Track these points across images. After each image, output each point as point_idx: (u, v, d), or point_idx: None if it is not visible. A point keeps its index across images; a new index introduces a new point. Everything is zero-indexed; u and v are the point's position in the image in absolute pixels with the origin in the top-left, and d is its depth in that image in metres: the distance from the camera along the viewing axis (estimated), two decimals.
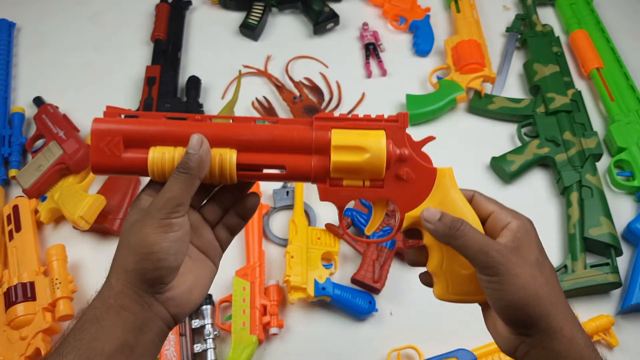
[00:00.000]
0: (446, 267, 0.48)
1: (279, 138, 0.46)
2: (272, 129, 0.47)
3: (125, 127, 0.48)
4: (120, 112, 0.48)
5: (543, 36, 1.05)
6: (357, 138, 0.46)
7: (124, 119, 0.48)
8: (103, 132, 0.47)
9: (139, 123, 0.47)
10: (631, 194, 0.90)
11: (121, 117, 0.48)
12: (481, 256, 0.43)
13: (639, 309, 0.78)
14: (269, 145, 0.46)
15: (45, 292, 0.76)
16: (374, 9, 1.15)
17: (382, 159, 0.46)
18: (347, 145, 0.46)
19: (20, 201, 0.85)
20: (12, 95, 1.02)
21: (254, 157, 0.47)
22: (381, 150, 0.46)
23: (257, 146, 0.46)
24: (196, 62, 1.08)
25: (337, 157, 0.46)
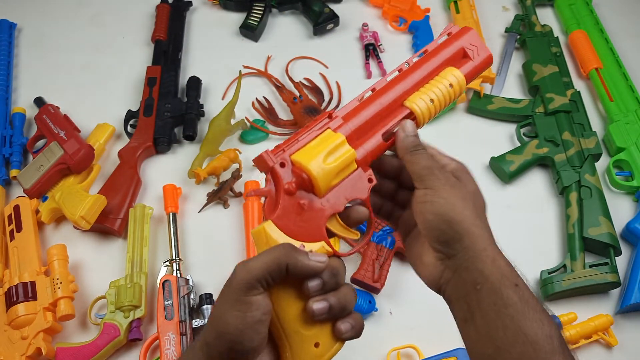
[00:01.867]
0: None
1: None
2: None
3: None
4: None
5: (542, 37, 1.05)
6: None
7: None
8: None
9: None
10: (630, 194, 0.90)
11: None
12: (426, 172, 0.46)
13: (638, 308, 0.79)
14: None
15: (46, 291, 0.76)
16: (373, 9, 1.15)
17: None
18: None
19: (21, 201, 0.85)
20: (13, 96, 1.03)
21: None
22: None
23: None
24: (196, 63, 1.08)
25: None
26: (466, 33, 0.52)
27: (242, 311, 0.40)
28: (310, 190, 0.45)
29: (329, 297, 0.43)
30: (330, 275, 0.43)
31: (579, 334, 0.75)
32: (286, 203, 0.44)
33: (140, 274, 0.79)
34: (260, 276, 0.40)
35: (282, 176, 0.45)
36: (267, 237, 0.43)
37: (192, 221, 0.88)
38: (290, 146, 0.46)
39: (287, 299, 0.43)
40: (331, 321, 0.44)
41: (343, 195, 0.46)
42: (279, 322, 0.43)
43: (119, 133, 0.97)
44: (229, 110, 0.95)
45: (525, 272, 0.85)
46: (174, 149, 0.97)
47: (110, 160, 0.94)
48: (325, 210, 0.45)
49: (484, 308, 0.44)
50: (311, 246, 0.44)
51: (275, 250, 0.42)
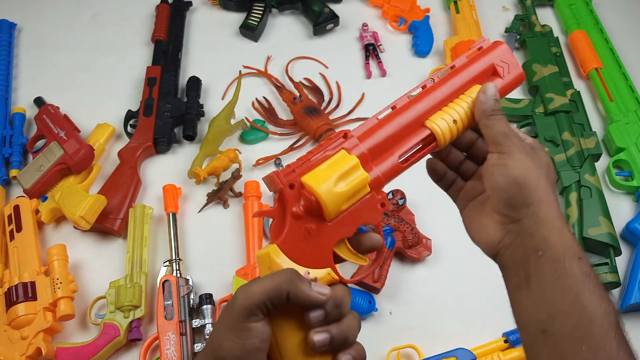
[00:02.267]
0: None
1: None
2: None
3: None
4: None
5: (542, 37, 1.05)
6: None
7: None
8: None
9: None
10: (630, 194, 0.90)
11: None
12: (502, 136, 0.46)
13: (638, 308, 0.79)
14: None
15: (46, 291, 0.76)
16: (373, 9, 1.15)
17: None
18: None
19: (21, 201, 0.85)
20: (13, 96, 1.03)
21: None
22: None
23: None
24: (196, 63, 1.08)
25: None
26: (497, 47, 0.50)
27: (241, 338, 0.39)
28: (318, 214, 0.43)
29: (331, 328, 0.41)
30: (333, 306, 0.41)
31: None
32: (293, 227, 0.42)
33: (140, 274, 0.79)
34: (260, 302, 0.39)
35: (290, 199, 0.43)
36: (270, 261, 0.42)
37: (192, 221, 0.88)
38: (301, 166, 0.43)
39: (288, 328, 0.41)
40: (332, 352, 0.42)
41: (353, 221, 0.44)
42: (279, 350, 0.41)
43: (119, 133, 0.97)
44: (229, 110, 0.95)
45: None
46: (173, 149, 0.97)
47: (110, 160, 0.94)
48: (333, 236, 0.43)
49: (542, 275, 0.43)
50: (316, 273, 0.42)
51: (277, 276, 0.40)
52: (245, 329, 0.39)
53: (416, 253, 0.82)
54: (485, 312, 0.79)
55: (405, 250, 0.82)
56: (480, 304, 0.80)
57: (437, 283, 0.82)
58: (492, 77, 0.49)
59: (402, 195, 0.85)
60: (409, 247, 0.82)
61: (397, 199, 0.84)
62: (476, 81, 0.49)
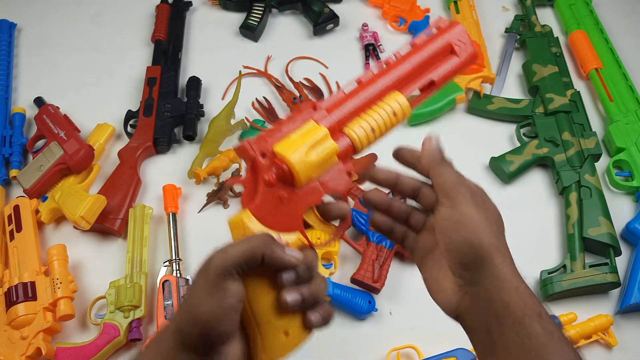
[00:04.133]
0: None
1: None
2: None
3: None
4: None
5: (542, 37, 1.05)
6: None
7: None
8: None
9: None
10: (630, 194, 0.90)
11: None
12: (453, 187, 0.46)
13: (637, 308, 0.79)
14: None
15: (46, 292, 0.76)
16: (373, 10, 1.15)
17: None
18: None
19: (21, 201, 0.85)
20: (13, 96, 1.03)
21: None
22: None
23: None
24: (196, 63, 1.08)
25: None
26: (454, 27, 0.52)
27: (218, 297, 0.40)
28: (289, 182, 0.45)
29: (301, 289, 0.43)
30: (304, 269, 0.43)
31: (579, 334, 0.75)
32: (265, 194, 0.44)
33: (140, 274, 0.79)
34: (237, 263, 0.40)
35: (263, 167, 0.44)
36: (244, 226, 0.43)
37: (192, 221, 0.88)
38: (273, 136, 0.45)
39: (261, 289, 0.43)
40: (302, 311, 0.44)
41: (322, 188, 0.46)
42: (251, 311, 0.43)
43: (119, 133, 0.97)
44: (229, 111, 0.95)
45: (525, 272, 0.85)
46: (173, 149, 0.97)
47: (110, 160, 0.94)
48: (303, 203, 0.45)
49: (506, 341, 0.43)
50: (287, 237, 0.44)
51: (253, 239, 0.42)
52: (222, 289, 0.40)
53: None
54: None
55: (405, 251, 0.82)
56: None
57: None
58: (450, 55, 0.51)
59: None
60: None
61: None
62: (436, 56, 0.51)
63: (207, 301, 0.40)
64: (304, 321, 0.44)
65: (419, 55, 0.51)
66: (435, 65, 0.51)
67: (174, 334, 0.42)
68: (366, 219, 0.83)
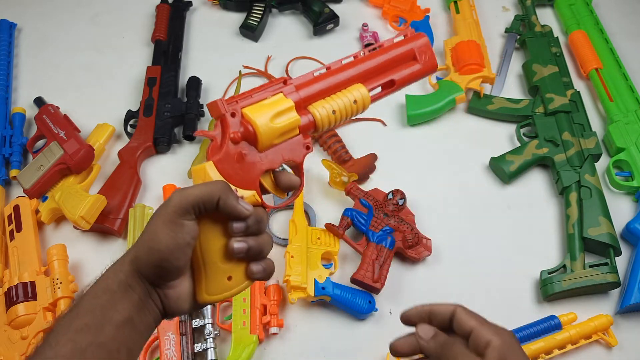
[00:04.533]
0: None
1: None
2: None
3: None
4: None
5: (542, 37, 1.05)
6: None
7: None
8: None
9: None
10: (630, 194, 0.90)
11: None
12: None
13: (637, 308, 0.79)
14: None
15: (46, 291, 0.76)
16: (373, 10, 1.15)
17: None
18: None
19: (21, 201, 0.85)
20: (13, 96, 1.03)
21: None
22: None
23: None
24: (196, 63, 1.08)
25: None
26: (419, 38, 0.58)
27: (174, 231, 0.43)
28: (253, 143, 0.49)
29: (248, 239, 0.47)
30: (254, 221, 0.47)
31: (579, 334, 0.75)
32: (229, 149, 0.48)
33: None
34: (195, 203, 0.43)
35: (230, 124, 0.48)
36: (205, 175, 0.47)
37: None
38: (243, 100, 0.49)
39: (213, 233, 0.46)
40: (246, 261, 0.48)
41: (281, 155, 0.50)
42: (201, 251, 0.46)
43: (119, 133, 0.97)
44: None
45: (525, 272, 0.86)
46: (173, 149, 0.97)
47: (110, 160, 0.94)
48: (262, 164, 0.49)
49: None
50: (243, 192, 0.48)
51: (212, 184, 0.45)
52: (179, 224, 0.43)
53: (416, 253, 0.82)
54: (485, 312, 0.79)
55: (405, 251, 0.82)
56: (479, 304, 0.79)
57: (437, 283, 0.82)
58: (413, 62, 0.57)
59: (402, 196, 0.85)
60: (409, 247, 0.82)
61: (397, 199, 0.84)
62: (399, 59, 0.57)
63: (164, 233, 0.43)
64: (246, 270, 0.48)
65: (385, 56, 0.56)
66: (398, 68, 0.57)
67: (131, 263, 0.45)
68: (366, 219, 0.83)
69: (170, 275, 0.45)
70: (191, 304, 0.48)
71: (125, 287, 0.45)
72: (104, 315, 0.43)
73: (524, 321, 0.77)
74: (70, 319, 0.43)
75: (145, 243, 0.44)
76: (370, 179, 0.92)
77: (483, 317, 0.49)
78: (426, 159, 0.95)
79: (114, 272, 0.45)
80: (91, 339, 0.42)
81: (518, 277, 0.83)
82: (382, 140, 0.97)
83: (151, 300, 0.46)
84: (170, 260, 0.44)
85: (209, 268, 0.47)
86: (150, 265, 0.44)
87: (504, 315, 0.79)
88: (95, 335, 0.42)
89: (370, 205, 0.84)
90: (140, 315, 0.45)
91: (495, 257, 0.85)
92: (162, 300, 0.46)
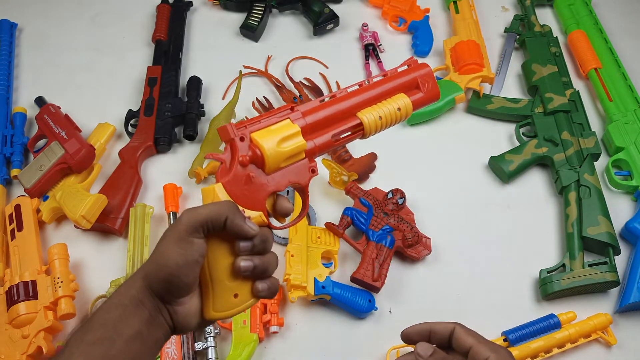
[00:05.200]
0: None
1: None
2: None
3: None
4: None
5: (541, 37, 1.05)
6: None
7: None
8: None
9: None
10: (629, 193, 0.91)
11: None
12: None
13: (637, 307, 0.79)
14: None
15: (47, 290, 0.76)
16: (373, 10, 1.15)
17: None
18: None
19: (22, 200, 0.85)
20: (14, 96, 1.03)
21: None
22: None
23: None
24: (197, 63, 1.08)
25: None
26: (423, 68, 0.60)
27: (184, 249, 0.45)
28: (260, 166, 0.50)
29: (254, 258, 0.48)
30: (260, 241, 0.48)
31: (578, 333, 0.75)
32: (238, 172, 0.50)
33: None
34: (203, 221, 0.45)
35: (239, 148, 0.50)
36: (214, 195, 0.49)
37: None
38: (252, 125, 0.51)
39: (220, 251, 0.48)
40: (252, 279, 0.50)
41: (287, 178, 0.52)
42: (209, 269, 0.48)
43: (120, 133, 0.98)
44: (230, 110, 0.95)
45: (525, 271, 0.86)
46: (174, 148, 0.97)
47: (110, 159, 0.95)
48: (269, 186, 0.51)
49: None
50: (250, 213, 0.50)
51: (220, 204, 0.47)
52: (188, 242, 0.45)
53: (416, 252, 0.82)
54: (485, 311, 0.80)
55: (405, 250, 0.82)
56: (479, 303, 0.80)
57: (436, 282, 0.82)
58: (415, 91, 0.59)
59: (401, 195, 0.85)
60: (409, 246, 0.82)
61: (397, 198, 0.85)
62: (403, 88, 0.58)
63: (174, 251, 0.45)
64: (252, 288, 0.50)
65: (389, 84, 0.58)
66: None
67: (142, 279, 0.47)
68: (366, 218, 0.83)
69: (179, 292, 0.47)
70: (199, 321, 0.49)
71: (137, 302, 0.46)
72: (116, 329, 0.45)
73: (523, 320, 0.77)
74: (83, 333, 0.45)
75: (155, 260, 0.46)
76: (370, 178, 0.92)
77: (481, 335, 0.50)
78: (426, 159, 0.95)
79: (126, 288, 0.47)
80: (103, 352, 0.43)
81: (517, 276, 0.83)
82: (382, 140, 0.96)
83: (161, 316, 0.47)
84: (179, 277, 0.45)
85: (216, 285, 0.48)
86: (159, 281, 0.46)
87: (503, 314, 0.80)
88: (107, 349, 0.44)
89: (370, 205, 0.84)
90: (150, 330, 0.46)
91: (494, 256, 0.85)
92: (171, 317, 0.48)
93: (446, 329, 0.51)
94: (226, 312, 0.49)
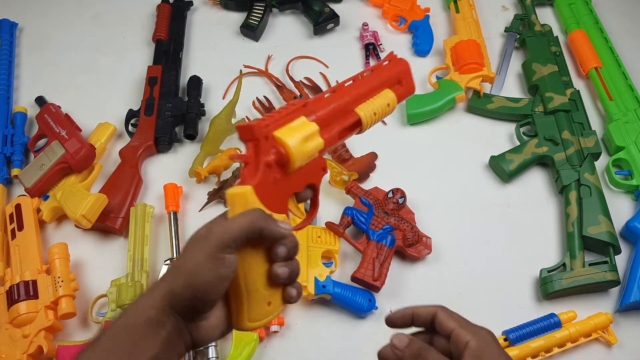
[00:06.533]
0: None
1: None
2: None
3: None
4: None
5: (542, 36, 1.05)
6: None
7: None
8: None
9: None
10: (629, 193, 0.91)
11: None
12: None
13: (637, 306, 0.79)
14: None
15: (48, 290, 0.76)
16: (373, 9, 1.15)
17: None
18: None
19: (22, 200, 0.85)
20: (14, 95, 1.03)
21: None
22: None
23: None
24: (197, 62, 1.08)
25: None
26: (402, 63, 0.60)
27: (216, 266, 0.43)
28: (282, 167, 0.48)
29: (288, 264, 0.47)
30: (292, 245, 0.47)
31: (579, 333, 0.75)
32: (265, 174, 0.47)
33: (141, 273, 0.79)
34: (237, 237, 0.43)
35: (264, 148, 0.47)
36: (246, 201, 0.46)
37: (193, 220, 0.88)
38: (272, 123, 0.49)
39: (254, 260, 0.46)
40: (283, 286, 0.48)
41: (304, 178, 0.50)
42: (243, 279, 0.46)
43: (120, 132, 0.98)
44: (230, 110, 0.95)
45: (525, 271, 0.86)
46: (174, 148, 0.97)
47: (111, 159, 0.95)
48: (290, 187, 0.49)
49: None
50: (276, 217, 0.48)
51: (251, 214, 0.45)
52: (220, 258, 0.43)
53: (416, 252, 0.82)
54: (485, 310, 0.79)
55: (405, 249, 0.82)
56: (480, 303, 0.80)
57: (437, 281, 0.82)
58: (397, 86, 0.59)
59: (402, 194, 0.85)
60: (409, 245, 0.82)
61: (397, 198, 0.85)
62: (387, 84, 0.58)
63: (206, 268, 0.43)
64: (283, 294, 0.48)
65: (377, 80, 0.58)
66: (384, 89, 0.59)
67: (163, 298, 0.44)
68: (366, 218, 0.83)
69: (205, 308, 0.45)
70: (222, 332, 0.48)
71: (154, 324, 0.44)
72: (131, 355, 0.42)
73: (524, 319, 0.77)
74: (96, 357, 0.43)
75: (184, 278, 0.44)
76: (370, 177, 0.92)
77: (464, 318, 0.49)
78: (426, 158, 0.95)
79: (143, 310, 0.44)
80: None
81: (518, 275, 0.83)
82: (382, 139, 0.97)
83: (180, 335, 0.45)
84: (210, 295, 0.44)
85: (251, 295, 0.46)
86: (186, 299, 0.44)
87: (503, 313, 0.80)
88: None
89: (370, 204, 0.84)
90: (167, 352, 0.44)
91: (495, 256, 0.85)
92: (191, 333, 0.46)
93: (428, 313, 0.50)
94: (261, 321, 0.47)
